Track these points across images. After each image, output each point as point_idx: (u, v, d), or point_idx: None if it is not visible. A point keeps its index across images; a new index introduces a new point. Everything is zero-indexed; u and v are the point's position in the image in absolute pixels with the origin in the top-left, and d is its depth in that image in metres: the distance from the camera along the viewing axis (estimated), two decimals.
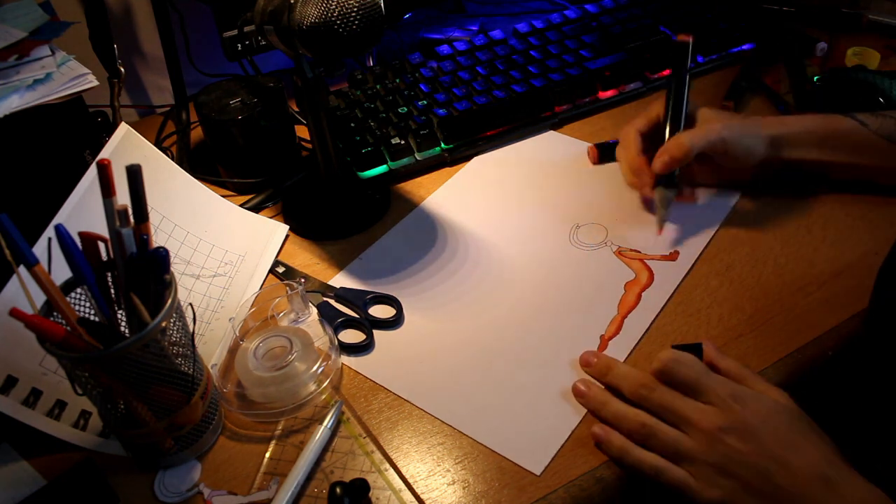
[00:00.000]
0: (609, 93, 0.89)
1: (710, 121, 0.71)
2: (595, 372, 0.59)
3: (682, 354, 0.55)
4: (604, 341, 0.63)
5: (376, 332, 0.65)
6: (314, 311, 0.68)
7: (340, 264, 0.73)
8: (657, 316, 0.64)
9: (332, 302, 0.68)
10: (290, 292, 0.67)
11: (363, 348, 0.64)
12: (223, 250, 0.71)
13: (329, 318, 0.66)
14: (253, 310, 0.67)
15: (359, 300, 0.67)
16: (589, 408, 0.57)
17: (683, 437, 0.52)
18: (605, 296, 0.66)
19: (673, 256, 0.69)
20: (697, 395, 0.53)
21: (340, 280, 0.71)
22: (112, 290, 0.53)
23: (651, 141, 0.74)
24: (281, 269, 0.72)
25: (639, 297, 0.66)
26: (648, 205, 0.74)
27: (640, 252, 0.70)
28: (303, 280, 0.70)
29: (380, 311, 0.67)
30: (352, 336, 0.65)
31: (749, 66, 0.91)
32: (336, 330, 0.65)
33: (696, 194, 0.73)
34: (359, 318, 0.66)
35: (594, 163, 0.82)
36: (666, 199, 0.71)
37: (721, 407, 0.52)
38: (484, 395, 0.60)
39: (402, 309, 0.67)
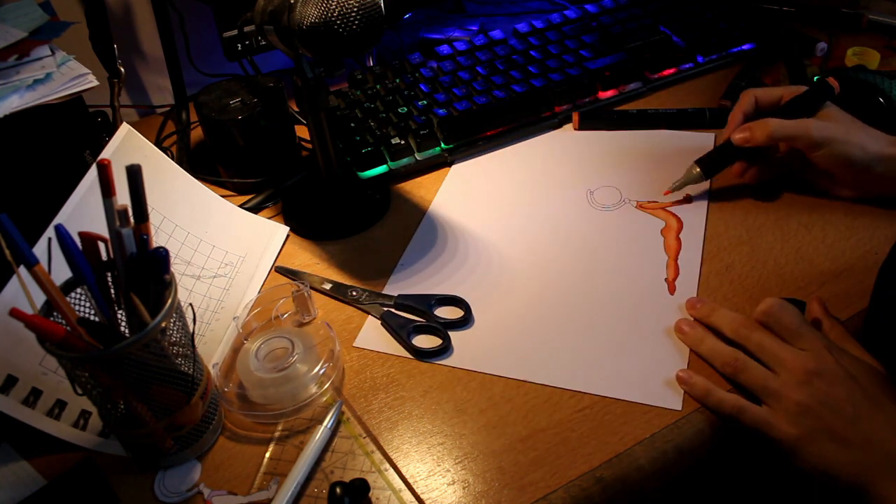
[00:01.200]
0: (609, 93, 0.89)
1: (822, 117, 0.70)
2: (699, 314, 0.61)
3: (786, 303, 0.57)
4: (670, 283, 0.66)
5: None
6: (318, 311, 0.68)
7: (341, 264, 0.73)
8: (703, 248, 0.69)
9: (393, 311, 0.67)
10: (294, 293, 0.67)
11: (442, 352, 0.63)
12: (223, 251, 0.71)
13: (398, 325, 0.65)
14: (258, 310, 0.67)
15: (423, 304, 0.66)
16: (688, 343, 0.60)
17: (773, 376, 0.54)
18: (648, 246, 0.70)
19: (686, 199, 0.75)
20: (794, 341, 0.55)
21: (392, 289, 0.69)
22: (112, 290, 0.53)
23: (762, 112, 0.73)
24: (328, 286, 0.69)
25: (679, 240, 0.70)
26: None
27: (657, 202, 0.75)
28: (354, 292, 0.68)
29: (446, 313, 0.66)
30: (426, 341, 0.64)
31: (749, 65, 0.92)
32: (409, 336, 0.64)
33: (755, 174, 0.74)
34: (428, 322, 0.65)
35: (576, 128, 0.86)
36: (691, 176, 0.73)
37: (814, 354, 0.53)
38: (591, 351, 0.62)
39: (469, 308, 0.66)
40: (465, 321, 0.65)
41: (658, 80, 0.91)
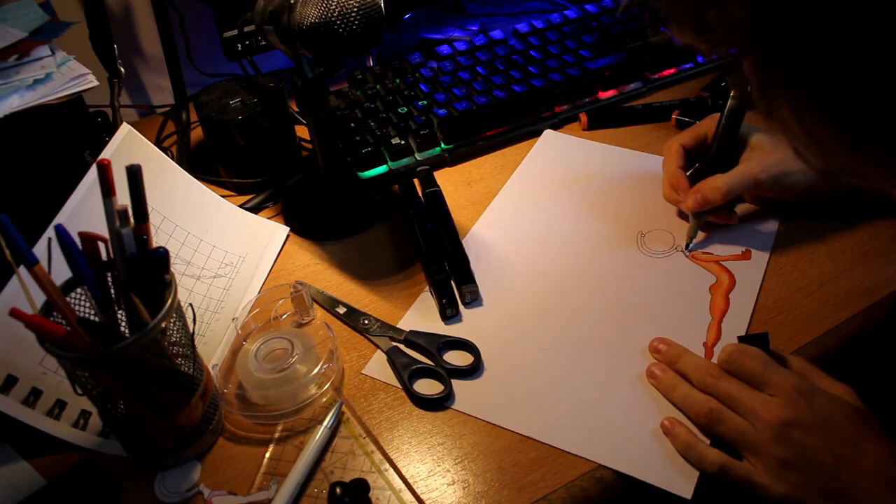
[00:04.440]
0: (609, 93, 0.89)
1: (756, 151, 0.68)
2: (665, 359, 0.59)
3: (748, 347, 0.56)
4: (708, 349, 0.61)
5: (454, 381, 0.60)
6: (317, 312, 0.68)
7: (341, 264, 0.73)
8: (752, 316, 0.63)
9: (401, 347, 0.63)
10: (293, 294, 0.66)
11: (442, 400, 0.59)
12: (223, 251, 0.71)
13: (402, 365, 0.61)
14: (257, 311, 0.67)
15: (432, 345, 0.62)
16: (660, 389, 0.58)
17: (749, 427, 0.53)
18: (693, 302, 0.64)
19: (746, 255, 0.68)
20: (762, 387, 0.54)
21: (409, 320, 0.66)
22: (112, 290, 0.53)
23: (695, 157, 0.72)
24: (342, 310, 0.67)
25: (727, 300, 0.64)
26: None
27: (712, 254, 0.69)
28: (366, 321, 0.65)
29: (454, 358, 0.62)
30: (428, 386, 0.60)
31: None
32: (410, 379, 0.60)
33: (734, 217, 0.70)
34: (433, 366, 0.61)
35: (584, 128, 0.85)
36: (698, 221, 0.69)
37: (785, 400, 0.52)
38: (608, 420, 0.57)
39: (479, 355, 0.61)
40: (474, 369, 0.61)
41: (658, 80, 0.91)
